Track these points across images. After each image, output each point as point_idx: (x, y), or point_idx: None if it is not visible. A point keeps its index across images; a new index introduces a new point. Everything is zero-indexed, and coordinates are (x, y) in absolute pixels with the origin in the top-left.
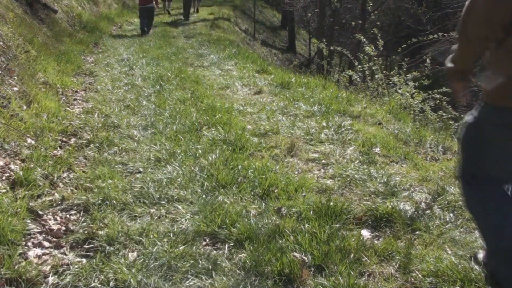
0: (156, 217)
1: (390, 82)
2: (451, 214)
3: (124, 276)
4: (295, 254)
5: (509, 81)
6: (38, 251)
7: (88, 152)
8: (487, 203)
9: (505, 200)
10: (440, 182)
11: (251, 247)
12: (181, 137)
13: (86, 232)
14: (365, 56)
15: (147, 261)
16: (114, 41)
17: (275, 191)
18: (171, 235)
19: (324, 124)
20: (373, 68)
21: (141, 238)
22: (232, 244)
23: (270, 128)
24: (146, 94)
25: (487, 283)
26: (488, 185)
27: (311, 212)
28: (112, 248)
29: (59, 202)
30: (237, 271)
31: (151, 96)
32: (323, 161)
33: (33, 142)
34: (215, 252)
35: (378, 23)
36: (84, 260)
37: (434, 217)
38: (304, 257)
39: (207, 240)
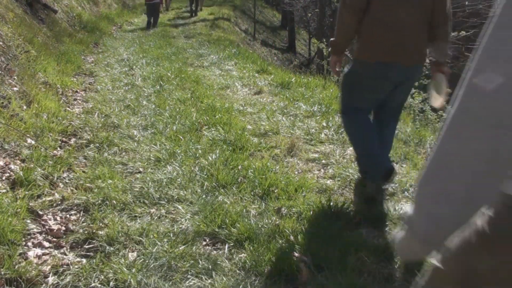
0: (156, 217)
1: None
2: None
3: (124, 276)
4: (295, 254)
5: (370, 43)
6: (38, 251)
7: (88, 152)
8: (357, 130)
9: (368, 127)
10: None
11: (251, 247)
12: (181, 137)
13: (86, 232)
14: None
15: (147, 261)
16: (114, 41)
17: (275, 191)
18: (171, 235)
19: (324, 124)
20: None
21: (141, 238)
22: (232, 244)
23: (270, 128)
24: (146, 94)
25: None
26: (357, 114)
27: (311, 212)
28: (112, 248)
29: (59, 202)
30: (237, 271)
31: (151, 96)
32: (323, 161)
33: (33, 142)
34: (215, 252)
35: None
36: (84, 260)
37: None
38: (304, 257)
39: (207, 240)
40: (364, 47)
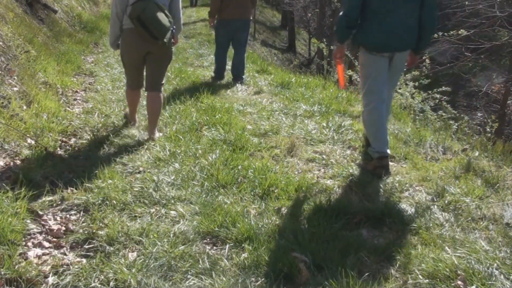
0: (156, 217)
1: None
2: (451, 214)
3: (124, 276)
4: (295, 254)
5: (224, 10)
6: (38, 251)
7: (88, 152)
8: (218, 51)
9: (223, 54)
10: (440, 182)
11: (251, 247)
12: (181, 137)
13: (86, 232)
14: None
15: (147, 261)
16: None
17: (275, 191)
18: (171, 235)
19: (324, 124)
20: None
21: (141, 238)
22: (232, 244)
23: (270, 128)
24: (146, 94)
25: None
26: (220, 44)
27: (311, 212)
28: (112, 248)
29: (59, 202)
30: (237, 271)
31: None
32: (323, 161)
33: (33, 142)
34: (215, 252)
35: None
36: (84, 260)
37: (434, 217)
38: (304, 257)
39: (207, 240)
40: (221, 12)
